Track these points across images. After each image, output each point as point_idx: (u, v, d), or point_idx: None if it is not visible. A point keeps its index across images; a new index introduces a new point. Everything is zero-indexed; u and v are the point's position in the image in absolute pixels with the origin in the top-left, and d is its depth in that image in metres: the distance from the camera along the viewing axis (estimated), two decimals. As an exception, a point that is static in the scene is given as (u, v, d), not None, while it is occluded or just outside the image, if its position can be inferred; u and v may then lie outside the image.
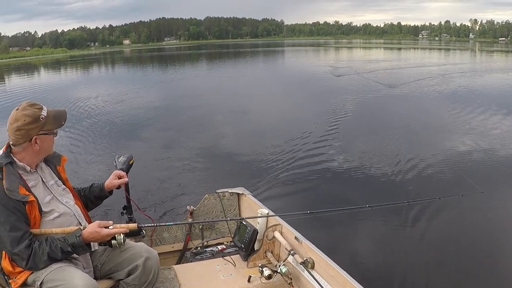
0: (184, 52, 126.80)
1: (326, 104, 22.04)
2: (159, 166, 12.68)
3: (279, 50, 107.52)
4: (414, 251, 7.24)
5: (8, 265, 3.56)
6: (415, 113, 19.47)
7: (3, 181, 3.44)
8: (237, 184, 6.77)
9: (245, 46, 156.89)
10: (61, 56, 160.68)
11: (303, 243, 4.40)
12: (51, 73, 70.10)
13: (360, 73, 38.09)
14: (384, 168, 11.58)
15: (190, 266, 4.96)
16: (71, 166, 12.18)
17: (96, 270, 3.98)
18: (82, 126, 19.08)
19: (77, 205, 4.01)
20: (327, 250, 4.22)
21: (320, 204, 9.42)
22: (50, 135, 3.74)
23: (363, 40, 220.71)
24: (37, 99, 25.21)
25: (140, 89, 34.48)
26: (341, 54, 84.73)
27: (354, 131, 16.13)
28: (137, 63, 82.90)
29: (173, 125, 19.30)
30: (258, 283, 4.46)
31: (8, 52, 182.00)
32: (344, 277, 3.74)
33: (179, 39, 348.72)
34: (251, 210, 5.65)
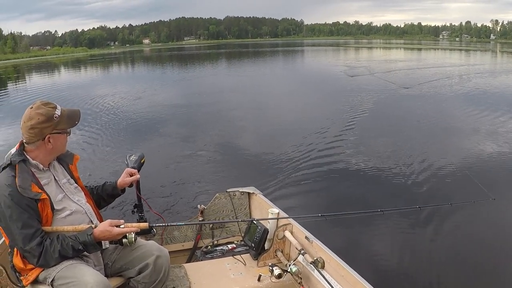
0: (203, 51, 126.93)
1: (340, 105, 21.94)
2: (170, 165, 12.72)
3: (298, 50, 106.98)
4: (424, 255, 7.17)
5: (20, 262, 3.58)
6: (430, 114, 19.27)
7: (16, 178, 3.47)
8: (248, 183, 6.79)
9: (264, 45, 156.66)
10: (81, 55, 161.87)
11: (314, 242, 4.40)
12: (71, 72, 70.98)
13: (376, 73, 37.73)
14: (396, 170, 11.49)
15: (200, 265, 4.96)
16: (84, 164, 12.33)
17: (107, 268, 3.99)
18: (97, 123, 19.34)
19: (88, 204, 4.03)
20: (337, 250, 4.21)
21: (331, 205, 9.42)
22: (63, 134, 3.75)
23: (383, 41, 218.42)
24: (56, 97, 25.83)
25: (158, 87, 34.81)
26: (361, 54, 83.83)
27: (366, 133, 16.03)
28: (157, 62, 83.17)
29: (187, 123, 19.38)
30: (268, 282, 4.45)
31: (28, 51, 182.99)
32: (355, 277, 3.74)
33: (198, 38, 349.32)
34: (262, 209, 5.66)
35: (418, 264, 6.95)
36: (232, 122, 19.32)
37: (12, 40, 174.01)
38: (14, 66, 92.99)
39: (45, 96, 30.83)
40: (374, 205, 8.87)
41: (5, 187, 3.43)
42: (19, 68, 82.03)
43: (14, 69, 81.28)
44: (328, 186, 10.64)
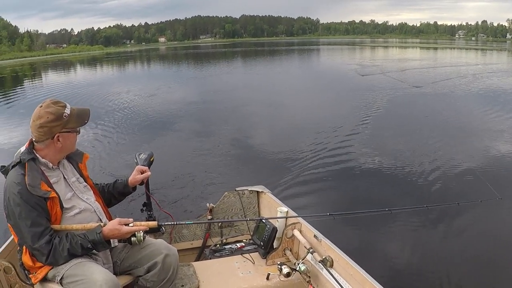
0: (219, 50, 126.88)
1: (351, 104, 21.89)
2: (180, 163, 12.74)
3: (314, 49, 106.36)
4: (432, 254, 7.15)
5: (29, 260, 3.59)
6: (441, 113, 19.17)
7: (25, 176, 3.48)
8: (257, 182, 6.79)
9: (280, 44, 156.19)
10: (97, 53, 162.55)
11: (322, 241, 4.39)
12: (87, 70, 71.52)
13: (389, 72, 37.47)
14: (405, 169, 11.45)
15: (209, 263, 4.98)
16: (95, 161, 12.51)
17: (115, 266, 4.00)
18: (110, 120, 19.54)
19: (97, 202, 4.04)
20: (346, 249, 4.20)
21: (340, 204, 9.42)
22: (73, 133, 3.75)
23: (398, 40, 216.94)
24: (71, 94, 26.18)
25: (172, 85, 34.97)
26: (376, 53, 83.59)
27: (376, 132, 15.97)
28: (172, 61, 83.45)
29: (199, 121, 19.40)
30: (276, 280, 4.46)
31: (45, 49, 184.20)
32: (363, 276, 3.73)
33: (214, 37, 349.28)
34: (271, 208, 5.65)
35: (426, 263, 6.92)
36: (244, 120, 19.38)
37: (28, 38, 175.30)
38: (30, 64, 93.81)
39: (60, 94, 31.18)
40: (382, 204, 8.77)
41: (15, 185, 3.44)
42: (36, 66, 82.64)
43: (30, 67, 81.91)
44: (337, 185, 10.62)
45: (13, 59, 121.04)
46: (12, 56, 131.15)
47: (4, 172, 3.68)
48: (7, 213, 3.52)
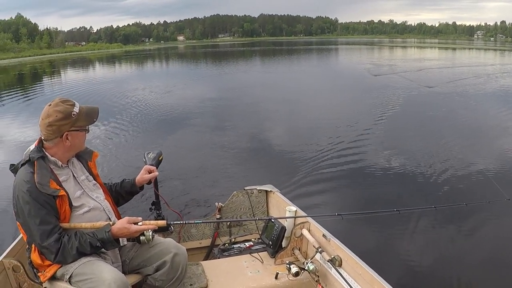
0: (237, 48, 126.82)
1: (364, 104, 21.81)
2: (189, 161, 12.71)
3: (331, 48, 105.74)
4: (439, 254, 7.12)
5: (38, 258, 3.60)
6: (453, 113, 19.09)
7: (34, 175, 3.49)
8: (266, 181, 6.79)
9: (298, 43, 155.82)
10: (116, 51, 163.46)
11: (331, 241, 4.38)
12: (106, 67, 72.37)
13: (404, 72, 37.34)
14: (414, 170, 11.38)
15: (218, 262, 4.98)
16: (106, 159, 12.60)
17: (124, 265, 4.00)
18: (123, 117, 19.73)
19: (107, 201, 4.05)
20: (354, 249, 4.19)
21: (349, 204, 9.40)
22: (82, 131, 3.75)
23: (417, 40, 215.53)
24: (88, 92, 26.47)
25: (188, 83, 35.34)
26: (394, 53, 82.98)
27: (386, 132, 15.90)
28: (191, 59, 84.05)
29: (211, 120, 19.42)
30: (285, 280, 4.45)
31: (64, 46, 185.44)
32: (372, 276, 3.71)
33: (233, 36, 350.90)
34: (279, 207, 5.64)
35: (434, 263, 6.88)
36: (256, 119, 19.39)
37: (48, 35, 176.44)
38: (50, 61, 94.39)
39: (78, 91, 31.63)
40: (390, 205, 8.74)
41: (24, 183, 3.45)
42: (55, 63, 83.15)
43: (50, 64, 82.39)
44: (346, 185, 10.58)
45: (33, 56, 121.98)
46: (31, 53, 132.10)
47: (13, 171, 3.69)
48: (16, 211, 3.53)
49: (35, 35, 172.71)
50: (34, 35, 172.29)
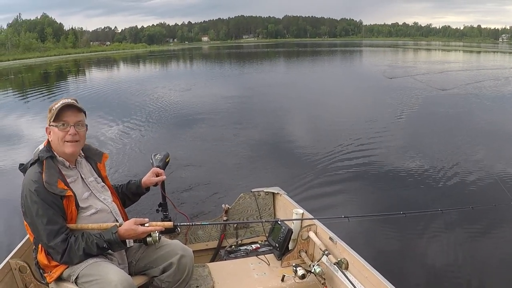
0: (261, 50, 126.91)
1: (380, 106, 21.88)
2: (197, 162, 12.71)
3: (355, 51, 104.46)
4: (446, 258, 7.09)
5: (44, 258, 3.61)
6: (466, 115, 19.14)
7: (42, 174, 3.51)
8: (273, 183, 6.80)
9: (322, 45, 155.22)
10: (141, 51, 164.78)
11: (338, 243, 4.37)
12: (130, 67, 72.86)
13: (426, 74, 37.41)
14: (422, 173, 11.34)
15: (224, 264, 4.98)
16: (119, 157, 12.84)
17: (131, 266, 4.01)
18: (135, 117, 20.11)
19: (114, 203, 4.06)
20: (361, 252, 4.18)
21: (355, 207, 9.34)
22: (57, 127, 3.67)
23: (442, 43, 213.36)
24: (110, 90, 26.78)
25: (207, 83, 36.17)
26: (419, 55, 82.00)
27: (396, 135, 15.87)
28: (214, 60, 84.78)
29: (222, 120, 19.48)
30: (291, 282, 4.45)
31: (89, 46, 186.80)
32: (378, 279, 3.70)
33: (257, 37, 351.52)
34: (286, 210, 5.64)
35: (441, 266, 6.87)
36: (269, 119, 19.43)
37: (73, 35, 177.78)
38: (75, 60, 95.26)
39: (100, 89, 32.14)
40: (397, 208, 8.81)
41: (32, 183, 3.47)
42: (80, 63, 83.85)
43: (75, 63, 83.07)
44: (353, 188, 10.54)
45: (58, 56, 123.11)
46: (57, 53, 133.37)
47: (22, 170, 3.71)
48: (24, 210, 3.55)
49: (60, 34, 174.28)
50: (59, 34, 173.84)
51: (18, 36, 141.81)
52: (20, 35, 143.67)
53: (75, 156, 3.89)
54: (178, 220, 4.25)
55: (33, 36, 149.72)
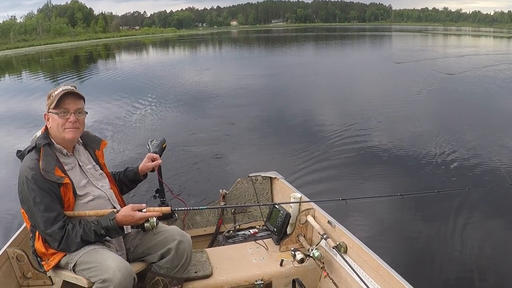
0: (290, 34, 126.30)
1: (386, 89, 22.02)
2: (194, 148, 12.72)
3: (383, 35, 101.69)
4: (443, 239, 7.15)
5: (41, 246, 3.61)
6: (472, 100, 18.98)
7: (39, 161, 3.49)
8: (271, 167, 6.79)
9: (351, 30, 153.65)
10: (170, 35, 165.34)
11: (336, 227, 4.36)
12: (159, 51, 73.43)
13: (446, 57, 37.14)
14: (420, 154, 11.39)
15: (223, 250, 4.98)
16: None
17: (129, 253, 4.00)
18: (149, 100, 20.62)
19: (112, 190, 4.04)
20: (359, 235, 4.17)
21: (353, 189, 9.36)
22: (57, 115, 3.63)
23: (472, 28, 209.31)
24: (137, 74, 27.09)
25: (227, 66, 36.70)
26: (447, 41, 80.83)
27: (395, 117, 15.86)
28: (242, 44, 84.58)
29: (227, 102, 19.82)
30: (290, 267, 4.45)
31: (119, 30, 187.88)
32: (377, 262, 3.70)
33: (286, 21, 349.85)
34: (284, 194, 5.62)
35: (438, 248, 6.92)
36: (275, 102, 19.62)
37: (103, 20, 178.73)
38: (104, 44, 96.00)
39: (128, 73, 32.43)
40: (394, 189, 8.91)
41: (29, 170, 3.46)
42: (110, 47, 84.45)
43: (104, 47, 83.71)
44: (349, 171, 10.53)
45: (88, 40, 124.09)
46: (87, 37, 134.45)
47: (20, 157, 3.70)
48: (21, 198, 3.55)
49: (90, 19, 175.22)
50: (89, 19, 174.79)
51: (49, 21, 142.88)
52: (50, 20, 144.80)
53: (74, 142, 3.87)
54: (176, 206, 4.22)
55: (63, 21, 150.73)
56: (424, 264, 6.44)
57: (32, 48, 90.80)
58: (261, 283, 4.37)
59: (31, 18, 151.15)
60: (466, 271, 6.31)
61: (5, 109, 19.74)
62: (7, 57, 70.25)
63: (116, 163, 10.80)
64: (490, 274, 6.25)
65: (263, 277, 4.40)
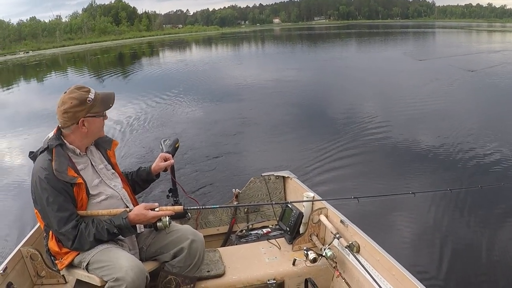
0: (331, 31, 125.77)
1: (406, 86, 21.86)
2: (208, 146, 12.80)
3: (429, 32, 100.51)
4: (456, 238, 7.09)
5: (55, 245, 3.65)
6: (490, 96, 18.71)
7: (52, 162, 3.52)
8: (283, 167, 6.78)
9: (394, 27, 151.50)
10: (213, 33, 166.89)
11: (349, 226, 4.35)
12: (202, 48, 74.42)
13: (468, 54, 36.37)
14: (431, 152, 11.31)
15: (235, 249, 4.99)
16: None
17: (141, 252, 4.03)
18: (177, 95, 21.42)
19: (124, 189, 4.07)
20: (372, 234, 4.16)
21: (365, 188, 9.27)
22: (98, 117, 3.75)
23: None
24: (180, 71, 27.41)
25: (257, 62, 36.63)
26: (493, 37, 79.17)
27: (410, 114, 15.79)
28: (282, 41, 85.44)
29: (249, 100, 19.93)
30: (303, 266, 4.45)
31: (162, 29, 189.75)
32: (390, 262, 3.68)
33: (328, 18, 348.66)
34: (297, 193, 5.62)
35: (453, 247, 6.83)
36: (292, 100, 19.59)
37: (146, 18, 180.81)
38: (148, 43, 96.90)
39: (169, 70, 33.69)
40: (406, 187, 8.88)
41: (42, 170, 3.49)
42: (154, 45, 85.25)
43: (148, 45, 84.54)
44: (362, 169, 10.51)
45: (132, 39, 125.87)
46: (131, 36, 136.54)
47: (32, 158, 3.73)
48: (34, 198, 3.58)
49: (134, 18, 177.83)
50: (133, 18, 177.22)
51: (94, 20, 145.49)
52: (95, 19, 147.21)
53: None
54: (189, 206, 4.27)
55: (107, 20, 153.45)
56: (437, 264, 6.37)
57: (78, 47, 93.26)
58: (274, 282, 4.37)
59: (76, 18, 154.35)
60: (480, 271, 6.25)
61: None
62: (55, 55, 71.86)
63: (139, 157, 11.29)
64: (504, 275, 6.17)
65: (275, 277, 4.41)
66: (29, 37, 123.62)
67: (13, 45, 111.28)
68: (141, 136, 14.49)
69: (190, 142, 12.94)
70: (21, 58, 76.76)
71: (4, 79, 42.42)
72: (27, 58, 75.70)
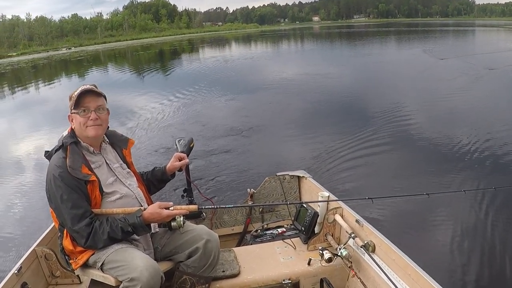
0: (371, 29, 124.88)
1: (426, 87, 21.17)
2: (220, 148, 12.66)
3: (469, 31, 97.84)
4: (471, 239, 6.97)
5: (70, 244, 3.65)
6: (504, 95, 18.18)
7: (66, 159, 3.54)
8: (299, 166, 6.74)
9: (433, 25, 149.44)
10: (253, 31, 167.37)
11: (364, 226, 4.31)
12: (241, 46, 74.64)
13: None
14: (448, 153, 11.07)
15: (250, 249, 4.98)
16: None
17: (156, 252, 4.03)
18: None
19: (139, 189, 4.06)
20: (387, 234, 4.12)
21: (380, 187, 9.22)
22: (79, 114, 3.67)
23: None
24: (217, 68, 27.48)
25: (290, 60, 36.04)
26: None
27: (427, 112, 15.57)
28: (320, 38, 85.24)
29: (272, 97, 19.91)
30: (318, 266, 4.42)
31: (202, 26, 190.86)
32: (406, 261, 3.65)
33: (368, 17, 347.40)
34: (312, 193, 5.59)
35: (466, 247, 6.76)
36: (321, 97, 19.47)
37: (186, 16, 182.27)
38: (188, 40, 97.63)
39: (205, 66, 33.84)
40: (421, 188, 8.61)
41: (56, 168, 3.50)
42: (194, 42, 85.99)
43: (189, 42, 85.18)
44: (376, 169, 10.40)
45: (173, 36, 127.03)
46: (172, 33, 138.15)
47: (48, 157, 3.75)
48: (49, 196, 3.59)
49: (174, 15, 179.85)
50: (173, 15, 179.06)
51: (134, 17, 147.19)
52: (136, 17, 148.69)
53: (99, 140, 3.90)
54: (204, 206, 4.26)
55: (148, 18, 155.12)
56: (453, 264, 6.32)
57: (119, 43, 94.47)
58: (289, 282, 4.35)
59: (117, 15, 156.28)
60: (495, 272, 6.17)
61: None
62: (97, 51, 72.86)
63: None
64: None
65: (290, 277, 4.39)
66: (71, 33, 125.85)
67: (55, 41, 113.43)
68: (164, 132, 14.79)
69: (205, 141, 13.05)
70: (64, 54, 78.26)
71: (47, 74, 43.41)
72: (70, 54, 77.25)
